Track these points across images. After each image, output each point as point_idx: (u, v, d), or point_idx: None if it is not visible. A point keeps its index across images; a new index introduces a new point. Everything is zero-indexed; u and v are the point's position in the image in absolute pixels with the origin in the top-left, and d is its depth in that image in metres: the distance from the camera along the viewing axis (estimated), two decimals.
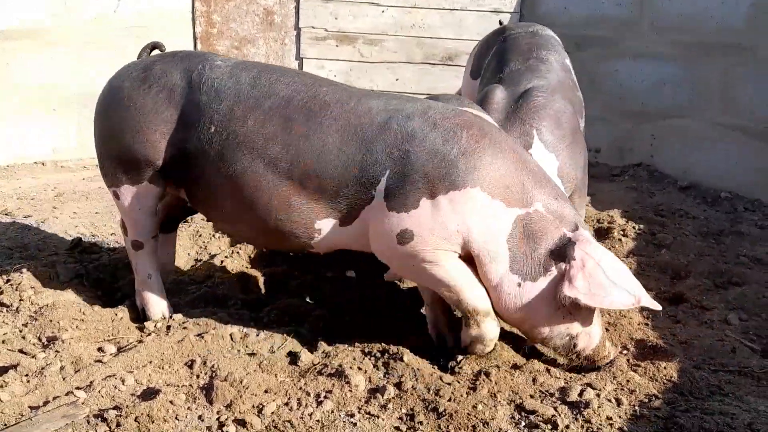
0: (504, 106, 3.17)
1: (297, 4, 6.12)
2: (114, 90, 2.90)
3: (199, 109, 2.75)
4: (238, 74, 2.79)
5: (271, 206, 2.70)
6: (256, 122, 2.70)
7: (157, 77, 2.83)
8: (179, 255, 3.87)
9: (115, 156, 2.89)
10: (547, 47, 3.59)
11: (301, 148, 2.64)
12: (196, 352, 2.74)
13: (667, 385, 2.61)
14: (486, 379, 2.57)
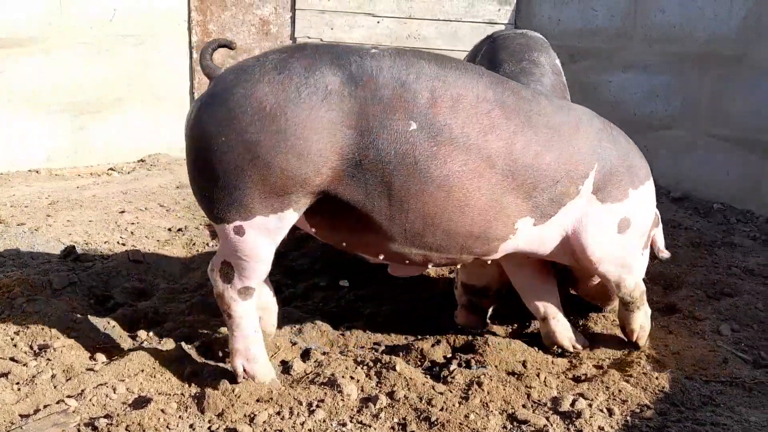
0: None
1: (293, 14, 6.15)
2: (247, 99, 2.27)
3: (381, 106, 2.33)
4: (414, 62, 2.41)
5: (484, 208, 2.51)
6: (472, 117, 2.42)
7: (304, 78, 2.29)
8: (172, 263, 3.88)
9: (254, 181, 2.29)
10: (538, 49, 3.59)
11: (516, 143, 2.50)
12: (187, 361, 2.74)
13: (659, 396, 2.61)
14: (478, 388, 2.57)
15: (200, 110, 2.34)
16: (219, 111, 2.28)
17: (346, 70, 2.31)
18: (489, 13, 6.02)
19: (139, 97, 6.04)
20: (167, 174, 5.67)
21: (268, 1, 6.15)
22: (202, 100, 2.36)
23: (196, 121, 2.33)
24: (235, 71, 2.36)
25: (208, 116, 2.30)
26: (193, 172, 2.40)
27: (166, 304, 3.38)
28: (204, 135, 2.30)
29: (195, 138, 2.34)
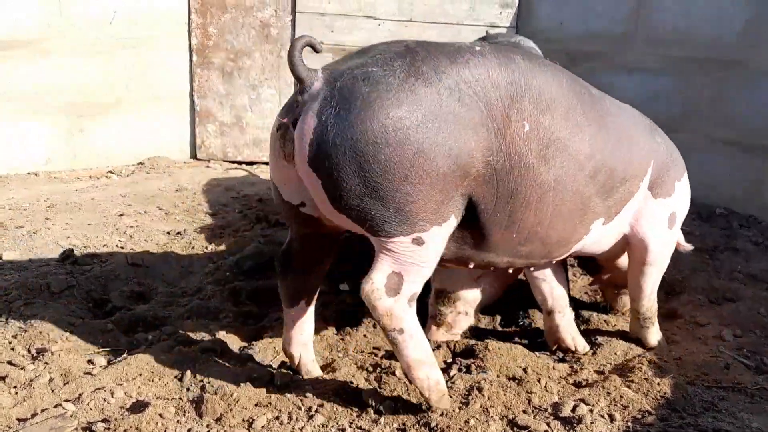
0: None
1: (293, 16, 6.14)
2: (397, 111, 2.14)
3: (502, 106, 2.29)
4: (513, 59, 2.36)
5: (575, 212, 2.54)
6: (564, 117, 2.41)
7: (438, 81, 2.21)
8: (172, 267, 3.86)
9: (424, 190, 2.18)
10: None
11: (597, 144, 2.52)
12: (186, 366, 2.72)
13: (660, 401, 2.59)
14: (478, 394, 2.55)
15: (344, 129, 2.11)
16: (370, 128, 2.11)
17: (441, 70, 2.24)
18: (490, 16, 6.01)
19: (139, 99, 6.03)
20: (166, 177, 5.65)
21: (268, 4, 6.14)
22: (338, 118, 2.12)
23: (344, 142, 2.11)
24: (365, 81, 2.15)
25: (360, 135, 2.11)
26: (354, 195, 2.16)
27: (165, 307, 3.36)
28: (361, 157, 2.11)
29: (351, 161, 2.12)
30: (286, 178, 2.33)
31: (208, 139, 6.36)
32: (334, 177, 2.14)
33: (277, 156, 2.30)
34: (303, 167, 2.19)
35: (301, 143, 2.16)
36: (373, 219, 2.20)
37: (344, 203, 2.18)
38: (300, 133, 2.16)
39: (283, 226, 4.49)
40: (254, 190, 5.44)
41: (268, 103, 6.32)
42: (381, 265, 2.29)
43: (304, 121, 2.16)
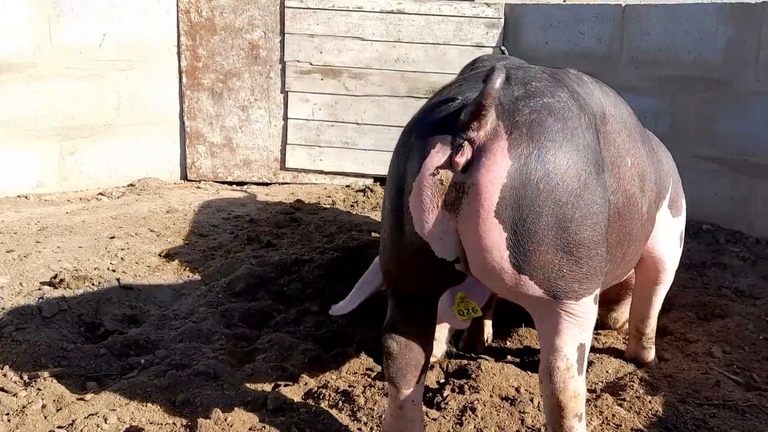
0: None
1: (282, 37, 6.18)
2: (589, 141, 1.96)
3: (608, 137, 2.14)
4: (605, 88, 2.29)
5: (645, 236, 2.50)
6: (642, 144, 2.37)
7: (577, 105, 2.01)
8: (163, 289, 3.86)
9: (606, 235, 2.01)
10: None
11: (654, 167, 2.49)
12: (179, 389, 2.72)
13: (652, 420, 2.61)
14: (472, 414, 2.57)
15: (547, 172, 1.84)
16: (572, 171, 1.87)
17: (583, 101, 2.06)
18: (477, 36, 6.08)
19: (129, 121, 6.04)
20: (157, 198, 5.66)
21: (257, 26, 6.18)
22: (539, 159, 1.84)
23: (546, 187, 1.84)
24: (551, 116, 1.90)
25: (561, 179, 1.86)
26: (547, 251, 1.87)
27: (157, 330, 3.36)
28: (563, 205, 1.86)
29: (551, 210, 1.85)
30: (444, 232, 1.91)
31: (199, 160, 6.37)
32: (527, 229, 1.84)
33: (433, 206, 1.89)
34: (483, 219, 1.84)
35: (489, 190, 1.82)
36: (564, 278, 1.92)
37: (532, 261, 1.88)
38: (489, 177, 1.82)
39: (275, 247, 4.50)
40: (245, 210, 5.45)
41: (258, 124, 6.35)
42: (567, 335, 2.01)
43: (494, 163, 1.82)
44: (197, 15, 6.13)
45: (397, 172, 1.99)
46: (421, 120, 2.00)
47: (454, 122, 1.88)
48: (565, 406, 2.02)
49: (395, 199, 1.99)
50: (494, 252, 1.87)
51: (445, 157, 1.86)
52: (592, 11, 5.57)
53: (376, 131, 6.29)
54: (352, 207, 5.63)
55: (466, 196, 1.85)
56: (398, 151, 2.03)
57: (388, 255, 2.12)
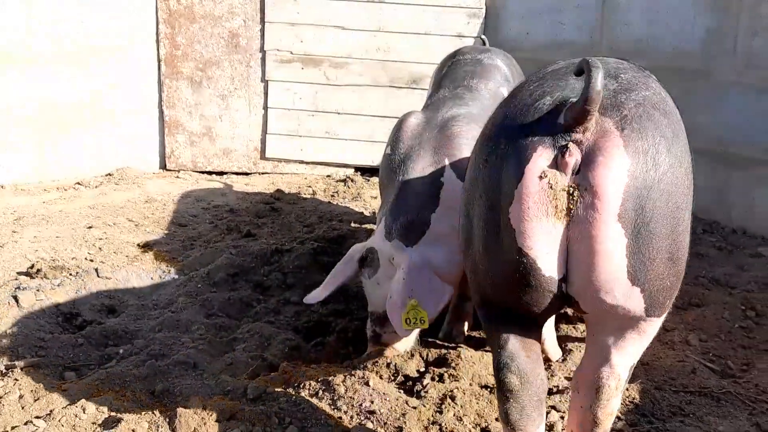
0: (417, 133, 3.11)
1: (262, 26, 6.14)
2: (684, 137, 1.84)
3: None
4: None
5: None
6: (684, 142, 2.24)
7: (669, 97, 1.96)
8: (142, 279, 3.83)
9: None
10: (482, 75, 3.59)
11: None
12: (158, 379, 2.71)
13: (629, 407, 2.64)
14: (452, 402, 2.58)
15: (666, 172, 1.70)
16: (681, 171, 1.75)
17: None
18: (458, 26, 6.07)
19: (107, 110, 5.97)
20: (135, 188, 5.61)
21: (237, 14, 6.13)
22: (656, 159, 1.69)
23: (668, 188, 1.70)
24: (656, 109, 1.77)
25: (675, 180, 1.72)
26: (661, 262, 1.73)
27: (136, 321, 3.34)
28: (676, 210, 1.72)
29: (668, 215, 1.70)
30: (552, 243, 1.73)
31: (178, 150, 6.32)
32: (649, 234, 1.69)
33: (541, 214, 1.71)
34: (604, 222, 1.67)
35: (611, 190, 1.66)
36: (664, 291, 1.79)
37: (649, 271, 1.72)
38: (611, 177, 1.66)
39: (254, 237, 4.48)
40: (225, 200, 5.43)
41: (238, 113, 6.30)
42: (629, 354, 1.92)
43: (613, 161, 1.66)
44: (176, 3, 6.07)
45: (489, 185, 1.78)
46: (508, 124, 1.81)
47: (552, 124, 1.71)
48: (600, 422, 1.95)
49: (488, 213, 1.78)
50: (613, 261, 1.69)
51: (550, 159, 1.69)
52: (572, 2, 5.59)
53: (357, 121, 6.27)
54: (332, 197, 5.62)
55: (582, 200, 1.67)
56: (483, 161, 1.83)
57: (482, 279, 1.90)
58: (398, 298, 2.76)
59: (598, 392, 1.91)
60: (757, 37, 4.49)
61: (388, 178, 3.09)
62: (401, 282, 2.76)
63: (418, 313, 2.78)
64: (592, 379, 1.92)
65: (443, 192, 2.95)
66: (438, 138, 3.05)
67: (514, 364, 1.92)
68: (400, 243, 2.87)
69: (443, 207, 2.93)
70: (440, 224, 2.91)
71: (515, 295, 1.82)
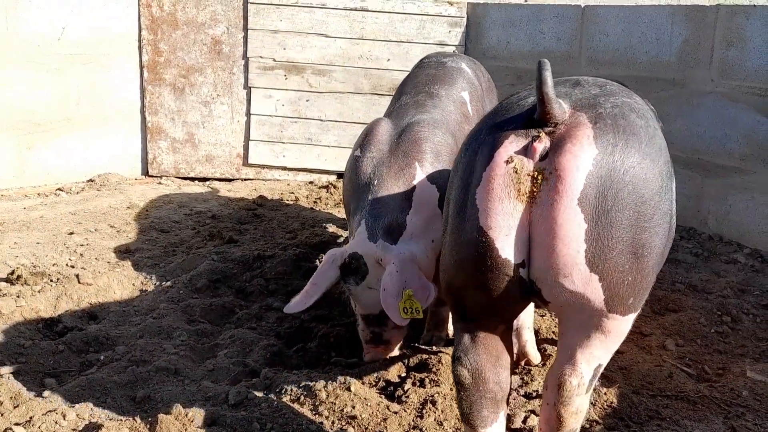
0: (387, 140, 3.22)
1: (245, 33, 6.16)
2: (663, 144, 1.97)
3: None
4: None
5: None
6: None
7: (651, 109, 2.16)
8: (123, 285, 3.83)
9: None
10: (443, 80, 3.67)
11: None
12: (140, 386, 2.71)
13: (607, 411, 2.68)
14: (432, 407, 2.60)
15: (633, 164, 1.77)
16: (655, 169, 1.82)
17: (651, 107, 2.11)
18: (440, 34, 6.12)
19: (89, 115, 5.96)
20: (118, 194, 5.60)
21: (220, 21, 6.15)
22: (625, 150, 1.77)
23: (631, 179, 1.77)
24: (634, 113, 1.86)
25: (645, 174, 1.79)
26: (622, 251, 1.79)
27: (117, 327, 3.34)
28: (643, 203, 1.79)
29: (631, 205, 1.77)
30: (512, 226, 1.80)
31: (160, 156, 6.31)
32: (609, 221, 1.75)
33: (504, 196, 1.80)
34: (565, 206, 1.74)
35: (574, 175, 1.73)
36: (627, 286, 1.83)
37: (607, 258, 1.77)
38: (575, 162, 1.74)
39: (237, 243, 4.49)
40: (207, 206, 5.42)
41: (221, 119, 6.31)
42: (592, 352, 1.95)
43: (580, 148, 1.75)
44: (159, 9, 6.07)
45: (464, 170, 1.89)
46: (489, 119, 1.94)
47: (529, 118, 1.82)
48: (563, 421, 1.97)
49: (459, 196, 1.89)
50: (572, 244, 1.75)
51: (520, 146, 1.79)
52: (552, 11, 5.66)
53: (339, 128, 6.30)
54: (315, 203, 5.64)
55: (546, 183, 1.75)
56: (464, 150, 1.95)
57: (447, 261, 1.96)
58: (393, 289, 2.80)
59: (560, 389, 1.94)
60: (733, 47, 4.57)
61: (359, 181, 3.14)
62: (394, 275, 2.81)
63: (413, 302, 2.83)
64: (557, 376, 1.96)
65: (415, 194, 3.05)
66: (405, 143, 3.15)
67: (467, 358, 1.97)
68: (386, 243, 2.92)
69: (416, 208, 3.02)
70: (414, 225, 3.00)
71: (473, 276, 1.87)
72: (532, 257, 1.81)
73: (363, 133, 3.32)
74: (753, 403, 2.80)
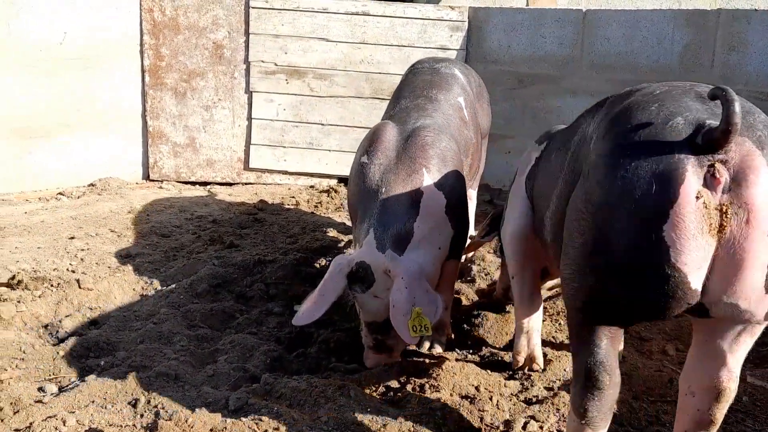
0: (394, 145, 3.22)
1: (247, 38, 6.16)
2: None
3: None
4: None
5: None
6: None
7: None
8: (124, 290, 3.83)
9: None
10: (440, 86, 3.69)
11: None
12: (140, 391, 2.71)
13: None
14: (432, 413, 2.60)
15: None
16: None
17: None
18: (441, 39, 6.13)
19: (90, 120, 5.97)
20: (118, 198, 5.60)
21: (221, 25, 6.16)
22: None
23: None
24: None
25: None
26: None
27: (118, 332, 3.34)
28: None
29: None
30: (704, 259, 1.83)
31: (161, 160, 6.32)
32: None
33: (698, 233, 1.80)
34: (757, 239, 1.80)
35: (764, 209, 1.79)
36: None
37: None
38: (764, 197, 1.78)
39: (237, 248, 4.49)
40: (208, 210, 5.43)
41: (222, 124, 6.32)
42: (742, 356, 2.08)
43: (764, 179, 1.79)
44: (161, 14, 6.09)
45: (632, 200, 1.84)
46: (638, 142, 1.89)
47: (693, 144, 1.81)
48: (719, 419, 2.08)
49: (635, 233, 1.85)
50: (758, 272, 1.82)
51: (701, 179, 1.79)
52: (553, 15, 5.66)
53: (340, 132, 6.31)
54: (316, 207, 5.64)
55: (736, 217, 1.79)
56: (620, 177, 1.88)
57: (610, 287, 1.95)
58: (402, 307, 2.82)
59: (719, 396, 2.05)
60: (734, 52, 4.57)
61: (366, 187, 3.13)
62: (403, 291, 2.82)
63: (422, 320, 2.85)
64: (711, 384, 2.05)
65: (423, 200, 3.05)
66: (412, 148, 3.15)
67: (608, 362, 2.06)
68: (394, 253, 2.92)
69: (423, 215, 3.03)
70: (421, 232, 3.01)
71: (654, 305, 1.90)
72: (711, 282, 1.85)
73: (368, 138, 3.32)
74: (752, 408, 2.79)
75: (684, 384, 2.12)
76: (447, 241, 3.13)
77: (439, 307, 2.89)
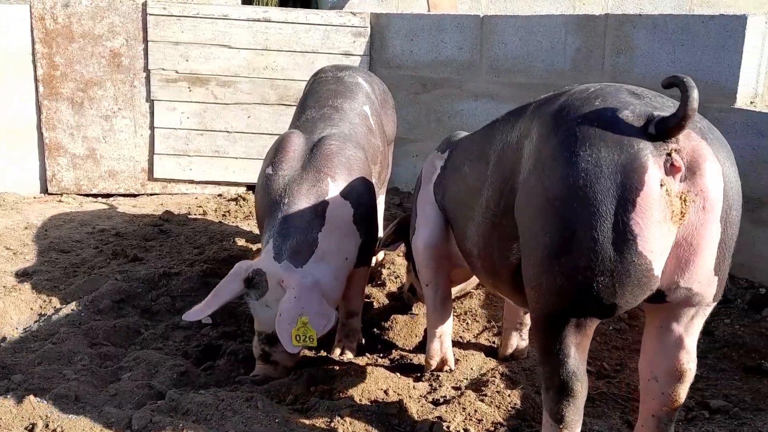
0: (299, 155, 3.22)
1: (145, 45, 6.02)
2: None
3: None
4: None
5: None
6: None
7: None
8: (21, 310, 3.67)
9: None
10: (345, 95, 3.72)
11: None
12: (37, 415, 2.60)
13: (511, 412, 2.76)
14: (341, 419, 2.61)
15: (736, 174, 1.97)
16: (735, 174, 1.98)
17: None
18: (344, 44, 6.15)
19: None
20: (14, 214, 5.37)
21: (118, 33, 5.99)
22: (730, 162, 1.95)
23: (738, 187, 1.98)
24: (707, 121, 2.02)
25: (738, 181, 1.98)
26: (730, 251, 1.99)
27: (14, 354, 3.21)
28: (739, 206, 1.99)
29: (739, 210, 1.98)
30: (666, 246, 1.88)
31: (60, 173, 6.09)
32: (729, 230, 1.94)
33: (661, 220, 1.84)
34: (712, 224, 1.90)
35: (719, 195, 1.89)
36: (725, 278, 2.03)
37: (727, 262, 1.98)
38: (718, 182, 1.89)
39: (142, 261, 4.38)
40: (111, 223, 5.27)
41: (123, 134, 6.14)
42: (696, 336, 2.14)
43: (716, 167, 1.89)
44: (53, 22, 5.87)
45: (596, 191, 1.86)
46: (593, 134, 1.91)
47: (645, 134, 1.86)
48: (681, 399, 2.16)
49: (601, 223, 1.85)
50: (711, 257, 1.92)
51: (662, 167, 1.85)
52: (453, 21, 5.78)
53: (246, 139, 6.24)
54: (224, 216, 5.57)
55: (693, 204, 1.86)
56: (584, 170, 1.89)
57: (574, 285, 1.95)
58: (288, 316, 2.80)
59: (682, 377, 2.12)
60: (622, 54, 4.78)
61: (271, 198, 3.12)
62: (292, 301, 2.81)
63: (307, 330, 2.83)
64: (673, 367, 2.12)
65: (329, 211, 3.05)
66: (317, 158, 3.15)
67: (579, 371, 2.11)
68: (290, 264, 2.92)
69: (329, 225, 3.03)
70: (327, 242, 3.01)
71: (622, 294, 1.92)
72: (668, 268, 1.92)
73: (274, 148, 3.30)
74: None
75: (645, 370, 2.19)
76: (355, 251, 3.15)
77: (330, 322, 2.89)
